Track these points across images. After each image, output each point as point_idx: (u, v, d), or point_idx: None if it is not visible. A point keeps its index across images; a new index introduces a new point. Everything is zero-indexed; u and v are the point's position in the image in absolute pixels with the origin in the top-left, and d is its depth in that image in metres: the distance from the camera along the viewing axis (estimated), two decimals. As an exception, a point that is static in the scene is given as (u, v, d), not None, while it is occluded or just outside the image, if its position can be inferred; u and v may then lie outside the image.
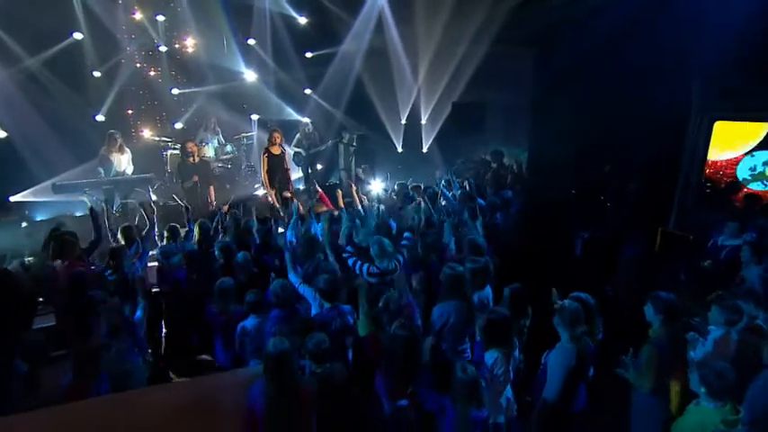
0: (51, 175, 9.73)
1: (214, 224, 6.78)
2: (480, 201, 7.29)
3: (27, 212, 9.71)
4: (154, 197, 9.30)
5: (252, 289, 4.89)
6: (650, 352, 3.99)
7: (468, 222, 6.45)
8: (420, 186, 8.45)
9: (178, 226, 6.64)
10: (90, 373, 3.92)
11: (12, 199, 9.74)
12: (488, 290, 5.04)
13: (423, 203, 7.19)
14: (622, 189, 8.22)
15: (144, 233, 6.26)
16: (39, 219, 9.37)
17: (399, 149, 12.58)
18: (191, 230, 6.55)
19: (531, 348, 4.62)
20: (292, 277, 4.99)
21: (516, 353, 4.24)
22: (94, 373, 3.92)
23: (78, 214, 9.50)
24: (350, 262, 5.19)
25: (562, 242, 6.74)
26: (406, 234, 5.61)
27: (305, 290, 4.89)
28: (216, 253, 5.93)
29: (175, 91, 12.14)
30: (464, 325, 4.59)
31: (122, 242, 6.05)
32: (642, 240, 6.91)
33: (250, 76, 12.19)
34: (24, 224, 9.21)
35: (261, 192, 9.84)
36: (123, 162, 9.26)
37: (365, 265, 5.10)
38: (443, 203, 7.30)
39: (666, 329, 4.06)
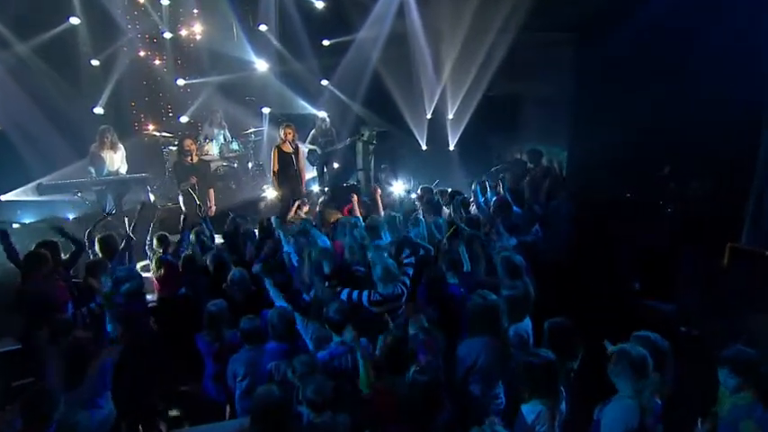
0: (46, 172, 9.46)
1: (209, 233, 6.42)
2: (516, 209, 6.71)
3: (19, 212, 9.44)
4: (152, 197, 9.23)
5: (249, 311, 4.45)
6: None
7: (503, 236, 5.90)
8: (446, 191, 7.92)
9: (168, 234, 6.26)
10: (42, 419, 3.38)
11: (2, 198, 9.51)
12: (527, 322, 4.42)
13: (450, 212, 6.80)
14: (684, 193, 7.62)
15: (123, 244, 5.83)
16: (29, 221, 9.06)
17: (423, 147, 12.03)
18: (184, 239, 6.16)
19: (579, 397, 3.88)
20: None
21: (563, 405, 3.55)
22: (47, 420, 3.38)
23: (71, 216, 9.19)
24: (343, 295, 4.64)
25: (615, 259, 6.03)
26: (406, 252, 5.05)
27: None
28: (209, 266, 5.53)
29: (181, 82, 11.81)
30: (497, 366, 4.00)
31: (100, 255, 5.60)
32: (708, 255, 6.26)
33: (261, 65, 11.83)
34: (16, 225, 8.89)
35: (270, 194, 9.43)
36: (116, 160, 8.88)
37: (365, 293, 4.59)
38: (473, 211, 6.76)
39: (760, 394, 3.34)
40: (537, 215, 6.40)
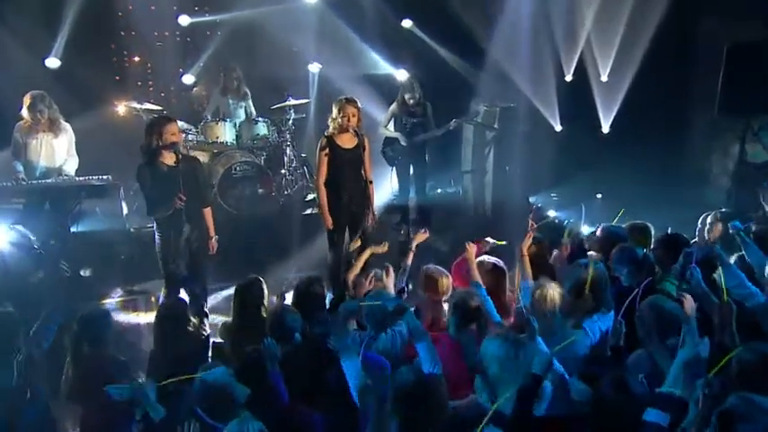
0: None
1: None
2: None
3: None
4: (125, 210, 8.77)
5: None
6: None
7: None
8: (646, 227, 5.68)
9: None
10: None
11: None
12: None
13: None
14: None
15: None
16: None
17: (557, 128, 11.17)
18: None
19: None
20: None
21: None
22: None
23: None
24: None
25: None
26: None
27: None
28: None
29: (184, 20, 11.00)
30: None
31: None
32: None
33: (309, -6, 10.96)
34: None
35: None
36: (58, 150, 7.62)
37: None
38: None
39: None
40: None
